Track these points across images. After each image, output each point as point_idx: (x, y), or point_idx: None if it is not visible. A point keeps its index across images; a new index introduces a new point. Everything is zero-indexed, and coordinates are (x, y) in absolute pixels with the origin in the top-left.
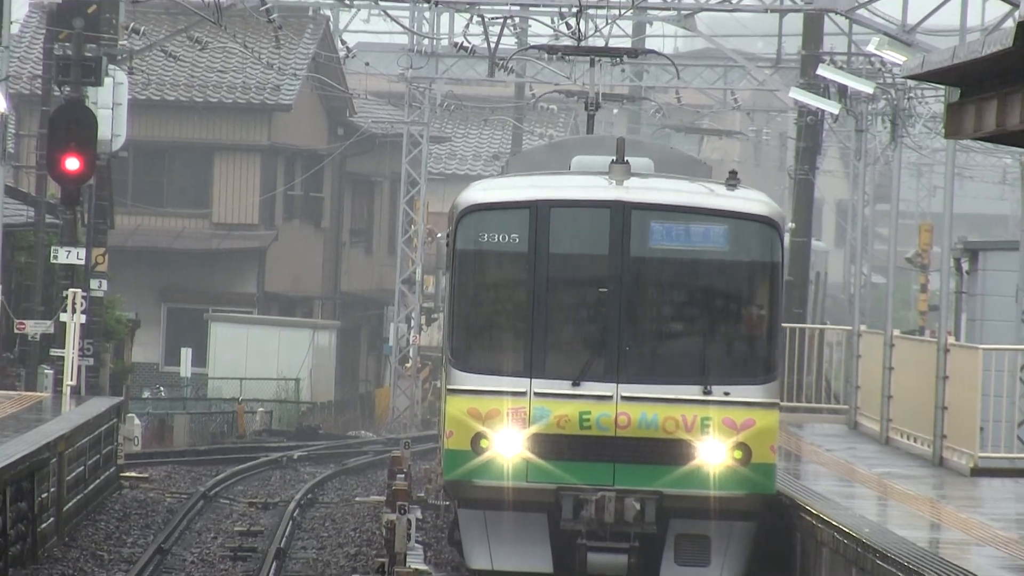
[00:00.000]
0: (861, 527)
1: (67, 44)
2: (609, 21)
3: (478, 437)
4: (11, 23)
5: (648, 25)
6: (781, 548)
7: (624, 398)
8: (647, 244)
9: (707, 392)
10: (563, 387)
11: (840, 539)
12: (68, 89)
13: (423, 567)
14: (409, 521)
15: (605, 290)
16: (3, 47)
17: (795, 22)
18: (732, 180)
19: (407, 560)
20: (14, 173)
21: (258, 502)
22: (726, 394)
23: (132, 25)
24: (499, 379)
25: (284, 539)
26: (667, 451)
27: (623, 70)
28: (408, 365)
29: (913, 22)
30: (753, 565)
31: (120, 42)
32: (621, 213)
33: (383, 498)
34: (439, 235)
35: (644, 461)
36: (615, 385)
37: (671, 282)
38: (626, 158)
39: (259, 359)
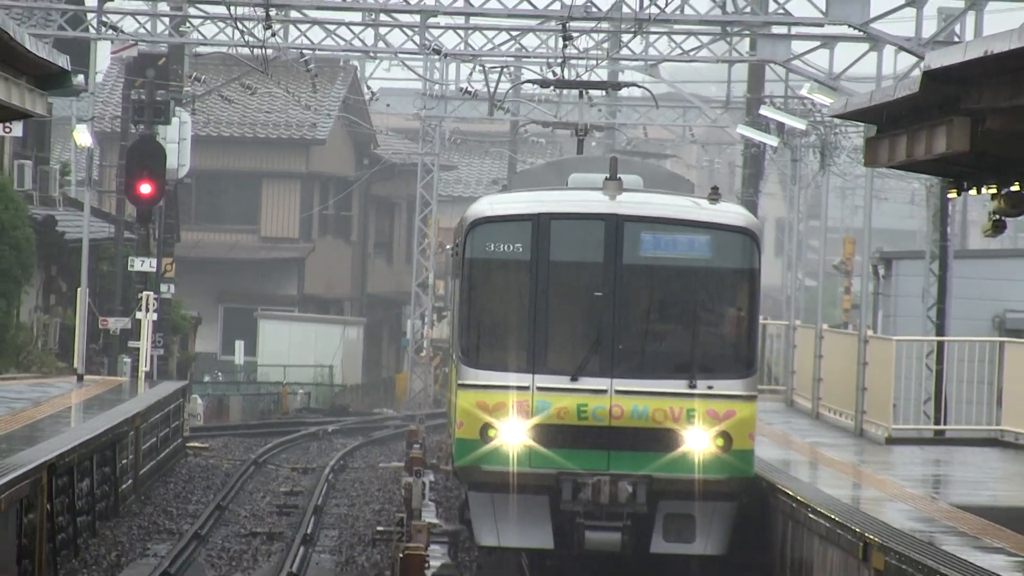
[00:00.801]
0: (798, 487)
1: (142, 90)
2: (588, 69)
3: (486, 427)
4: (96, 73)
5: (620, 73)
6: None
7: (618, 392)
8: (638, 253)
9: (692, 386)
10: (563, 382)
11: (781, 498)
12: (142, 127)
13: (434, 521)
14: (423, 483)
15: (600, 294)
16: (90, 93)
17: (742, 70)
18: (714, 195)
19: (422, 515)
20: (98, 197)
21: (299, 467)
22: (709, 388)
23: (194, 74)
24: (505, 375)
25: (321, 497)
26: (657, 439)
27: (599, 109)
28: (422, 354)
29: (838, 71)
30: (734, 541)
31: (184, 88)
32: (615, 225)
33: (402, 464)
34: (447, 247)
35: (636, 448)
36: (610, 380)
37: (660, 287)
38: (618, 175)
39: (299, 350)
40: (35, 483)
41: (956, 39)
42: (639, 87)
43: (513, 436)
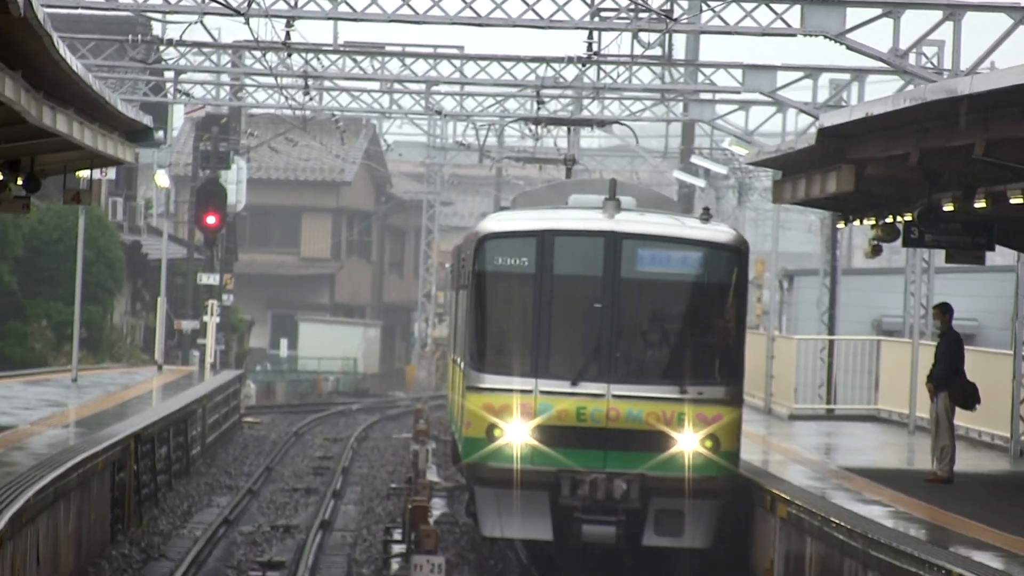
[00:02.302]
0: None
1: (208, 143)
2: (555, 130)
3: (491, 427)
4: (172, 129)
5: (580, 129)
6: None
7: (615, 396)
8: (635, 267)
9: (683, 392)
10: (563, 386)
11: None
12: (208, 171)
13: (436, 479)
14: (427, 450)
15: (599, 306)
16: (168, 145)
17: (677, 128)
18: (705, 215)
19: (426, 474)
20: (173, 226)
21: (330, 438)
22: (700, 393)
23: (249, 130)
24: (510, 379)
25: (347, 461)
26: (650, 440)
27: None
28: (426, 349)
29: (752, 128)
30: (720, 536)
31: (241, 141)
32: (613, 241)
33: (410, 435)
34: (446, 265)
35: (630, 448)
36: (607, 385)
37: (654, 299)
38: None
39: (330, 345)
40: (125, 449)
41: (843, 104)
42: (620, 123)
43: (517, 436)
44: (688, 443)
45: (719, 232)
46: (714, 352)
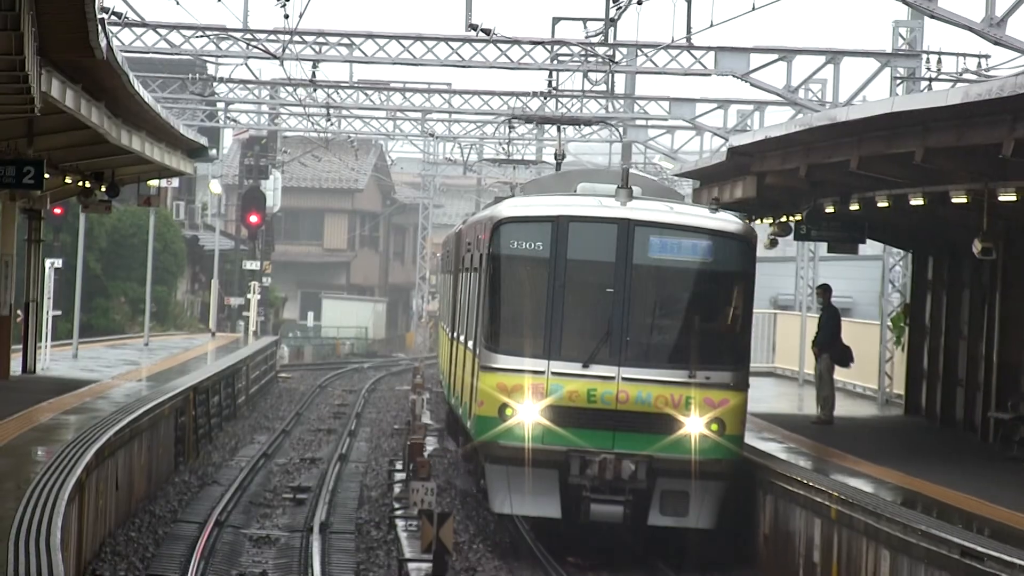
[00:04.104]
0: None
1: (251, 158)
2: (523, 147)
3: (504, 407)
4: (223, 148)
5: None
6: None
7: (624, 379)
8: (646, 254)
9: (692, 376)
10: (575, 368)
11: None
12: (251, 181)
13: (429, 422)
14: (423, 399)
15: (611, 290)
16: (219, 160)
17: (618, 147)
18: (714, 205)
19: (421, 418)
20: (224, 223)
21: (347, 389)
22: (707, 378)
23: (283, 149)
24: (522, 360)
25: (360, 407)
26: (658, 423)
27: (529, 169)
28: (422, 320)
29: (676, 148)
30: (723, 517)
31: (277, 157)
32: (626, 228)
33: (410, 387)
34: (437, 254)
35: (639, 430)
36: (617, 368)
37: (665, 285)
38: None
39: (347, 317)
40: (186, 398)
41: (748, 128)
42: (602, 121)
43: (528, 415)
44: (695, 426)
45: (729, 222)
46: (722, 338)
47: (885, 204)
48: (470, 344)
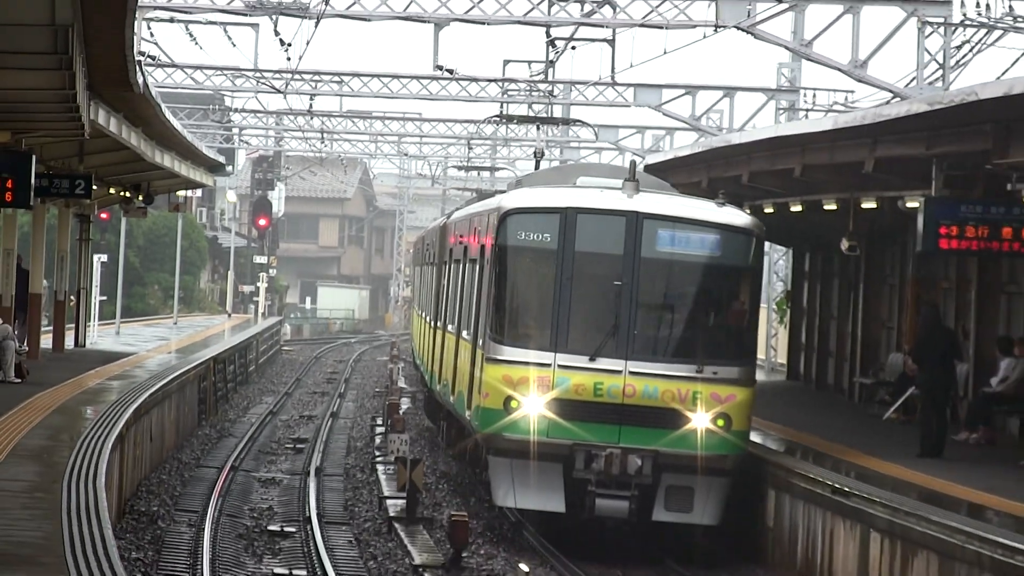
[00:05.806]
0: None
1: (260, 173)
2: (494, 160)
3: (509, 399)
4: (237, 165)
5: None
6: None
7: (631, 373)
8: (654, 247)
9: (699, 371)
10: (581, 361)
11: None
12: (260, 191)
13: (404, 386)
14: (398, 368)
15: (619, 283)
16: (234, 174)
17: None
18: (721, 200)
19: (398, 383)
20: (238, 226)
21: (337, 360)
22: (714, 373)
23: (286, 165)
24: (528, 352)
25: (348, 374)
26: (664, 417)
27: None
28: (398, 304)
29: (647, 147)
30: (728, 513)
31: (281, 172)
32: (635, 221)
33: (388, 358)
34: (409, 251)
35: (645, 425)
36: (624, 362)
37: (673, 279)
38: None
39: (338, 301)
40: (207, 367)
41: (661, 149)
42: (580, 123)
43: (533, 408)
44: (701, 421)
45: (736, 216)
46: (729, 332)
47: (771, 210)
48: (464, 334)
